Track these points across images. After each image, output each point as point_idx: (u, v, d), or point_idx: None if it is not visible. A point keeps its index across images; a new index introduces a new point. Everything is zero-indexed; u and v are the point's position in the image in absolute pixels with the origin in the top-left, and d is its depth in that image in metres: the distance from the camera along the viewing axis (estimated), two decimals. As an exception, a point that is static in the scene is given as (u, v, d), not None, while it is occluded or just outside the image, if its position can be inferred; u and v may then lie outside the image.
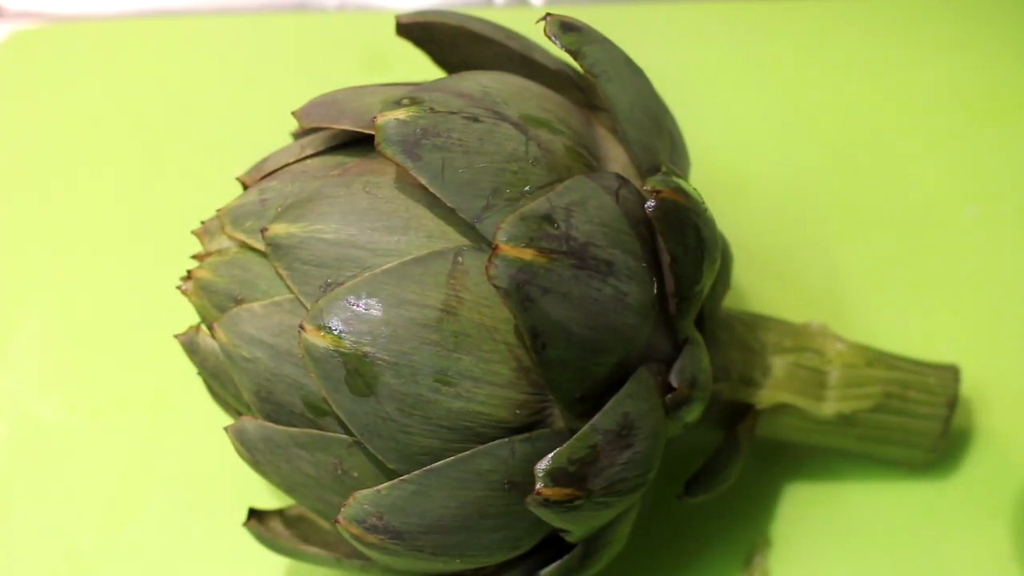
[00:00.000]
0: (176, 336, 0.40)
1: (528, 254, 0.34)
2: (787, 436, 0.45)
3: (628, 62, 0.40)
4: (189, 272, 0.39)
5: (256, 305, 0.37)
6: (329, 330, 0.34)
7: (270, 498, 0.48)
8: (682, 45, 0.61)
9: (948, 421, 0.45)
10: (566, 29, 0.39)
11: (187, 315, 0.41)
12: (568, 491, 0.35)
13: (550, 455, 0.35)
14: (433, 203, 0.36)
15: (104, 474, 0.51)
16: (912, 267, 0.52)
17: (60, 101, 0.63)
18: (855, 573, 0.45)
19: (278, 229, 0.36)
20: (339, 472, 0.37)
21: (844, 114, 0.58)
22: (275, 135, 0.47)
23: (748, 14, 0.62)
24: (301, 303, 0.36)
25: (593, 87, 0.40)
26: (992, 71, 0.58)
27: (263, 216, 0.38)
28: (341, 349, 0.34)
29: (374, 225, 0.36)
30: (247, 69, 0.64)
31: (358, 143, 0.39)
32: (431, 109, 0.36)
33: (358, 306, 0.34)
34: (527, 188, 0.36)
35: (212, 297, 0.38)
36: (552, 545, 0.39)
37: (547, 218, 0.34)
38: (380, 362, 0.34)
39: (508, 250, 0.34)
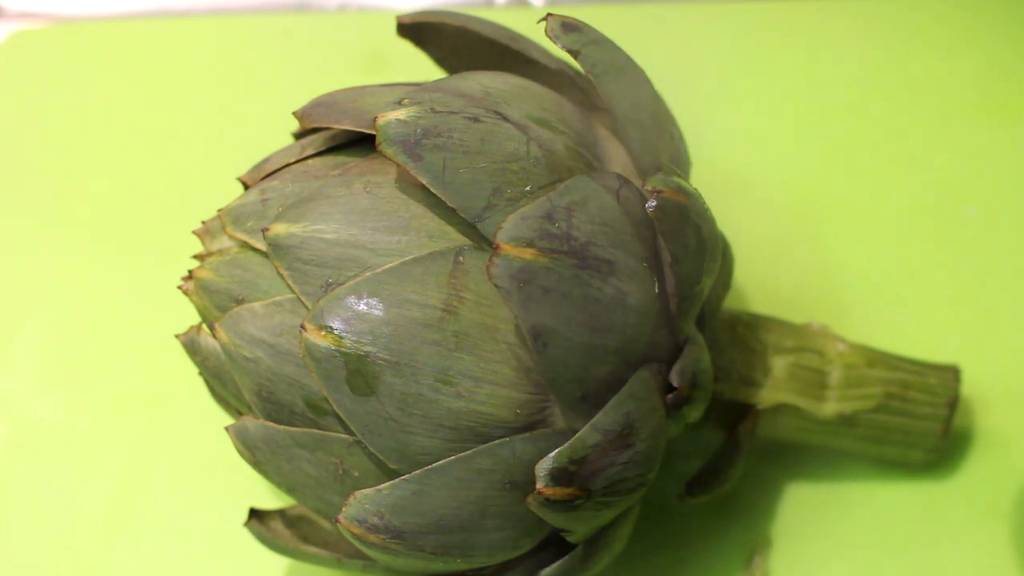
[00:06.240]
0: (177, 336, 0.41)
1: (529, 254, 0.34)
2: (788, 436, 0.45)
3: (628, 62, 0.40)
4: (190, 272, 0.39)
5: (257, 305, 0.37)
6: (330, 330, 0.34)
7: (271, 498, 0.48)
8: (682, 45, 0.61)
9: (949, 421, 0.45)
10: (567, 29, 0.39)
11: (187, 315, 0.41)
12: (569, 491, 0.35)
13: (551, 455, 0.35)
14: (434, 203, 0.36)
15: (104, 474, 0.51)
16: (912, 267, 0.52)
17: (60, 101, 0.63)
18: (855, 573, 0.45)
19: (279, 229, 0.36)
20: (340, 472, 0.37)
21: (845, 114, 0.58)
22: (275, 135, 0.47)
23: (748, 14, 0.62)
24: (302, 303, 0.36)
25: (594, 87, 0.40)
26: (993, 71, 0.58)
27: (264, 216, 0.38)
28: (342, 349, 0.34)
29: (375, 225, 0.36)
30: (247, 69, 0.64)
31: (359, 143, 0.39)
32: (432, 109, 0.36)
33: (359, 306, 0.34)
34: (528, 188, 0.36)
35: (213, 297, 0.38)
36: (553, 545, 0.39)
37: (548, 218, 0.35)
38: (381, 362, 0.34)
39: (509, 250, 0.34)
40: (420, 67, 0.47)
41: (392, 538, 0.36)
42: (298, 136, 0.43)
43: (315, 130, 0.41)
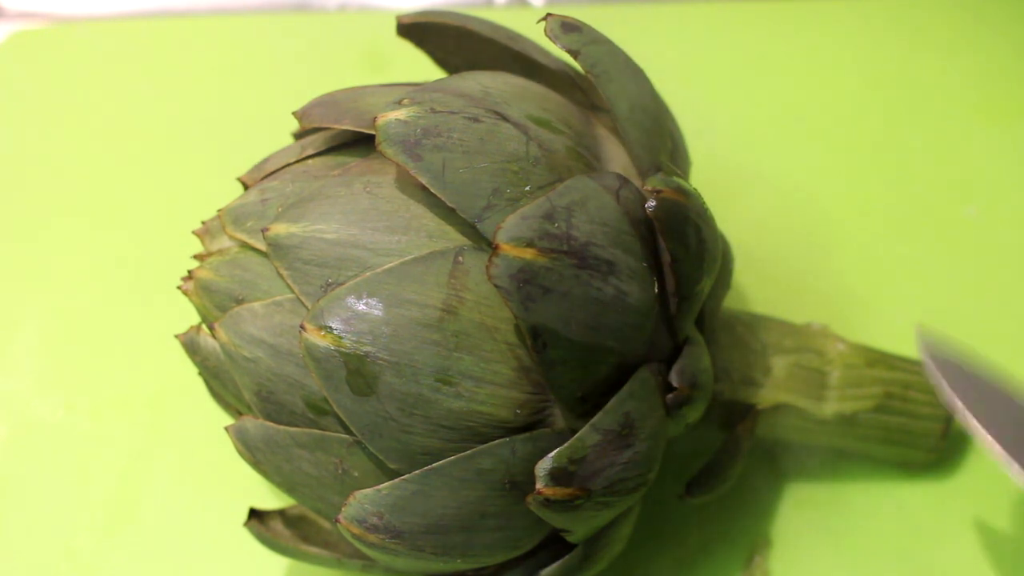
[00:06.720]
0: (177, 336, 0.41)
1: (529, 253, 0.34)
2: (788, 436, 0.45)
3: (628, 62, 0.40)
4: (190, 272, 0.39)
5: (257, 305, 0.37)
6: (330, 330, 0.34)
7: (271, 498, 0.48)
8: (682, 45, 0.61)
9: (949, 421, 0.45)
10: (567, 29, 0.39)
11: (187, 315, 0.41)
12: (569, 491, 0.35)
13: (551, 455, 0.35)
14: (434, 203, 0.36)
15: (103, 474, 0.51)
16: (912, 268, 0.52)
17: (60, 101, 0.63)
18: (855, 573, 0.45)
19: (279, 229, 0.36)
20: (340, 472, 0.37)
21: (845, 114, 0.58)
22: (275, 135, 0.47)
23: (748, 14, 0.62)
24: (302, 303, 0.36)
25: (593, 87, 0.40)
26: (993, 72, 0.58)
27: (264, 216, 0.38)
28: (342, 349, 0.34)
29: (375, 225, 0.36)
30: (247, 69, 0.64)
31: (359, 143, 0.39)
32: (432, 109, 0.36)
33: (359, 306, 0.34)
34: (528, 188, 0.36)
35: (213, 297, 0.38)
36: (553, 545, 0.39)
37: (548, 218, 0.34)
38: (381, 362, 0.34)
39: (509, 250, 0.34)
40: (420, 67, 0.47)
41: (392, 538, 0.36)
42: (298, 136, 0.43)
43: (315, 130, 0.41)
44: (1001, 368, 0.49)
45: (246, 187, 0.41)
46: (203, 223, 0.40)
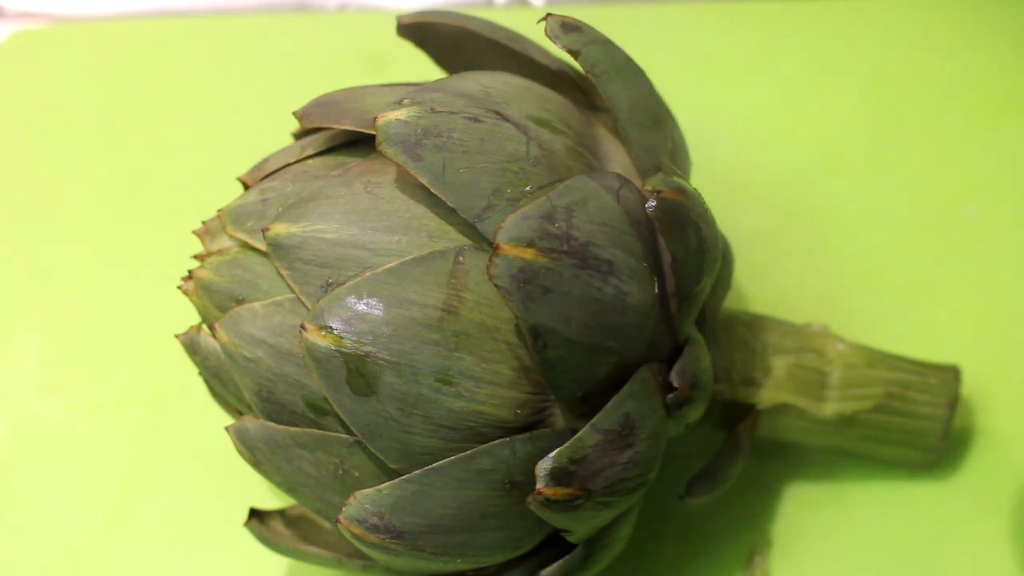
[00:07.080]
0: (177, 336, 0.41)
1: (529, 253, 0.34)
2: (788, 436, 0.45)
3: (629, 62, 0.40)
4: (190, 272, 0.39)
5: (257, 305, 0.37)
6: (330, 330, 0.34)
7: (271, 498, 0.48)
8: (682, 45, 0.61)
9: (949, 421, 0.45)
10: (567, 29, 0.39)
11: (187, 315, 0.41)
12: (569, 491, 0.35)
13: (551, 455, 0.35)
14: (434, 203, 0.36)
15: (103, 474, 0.51)
16: (912, 267, 0.52)
17: (60, 101, 0.63)
18: (855, 573, 0.45)
19: (279, 229, 0.36)
20: (340, 472, 0.37)
21: (844, 114, 0.58)
22: (275, 135, 0.47)
23: (748, 14, 0.62)
24: (302, 303, 0.36)
25: (594, 87, 0.40)
26: (992, 71, 0.58)
27: (264, 216, 0.38)
28: (342, 349, 0.34)
29: (375, 225, 0.36)
30: (247, 69, 0.64)
31: (359, 143, 0.39)
32: (432, 109, 0.36)
33: (359, 306, 0.34)
34: (528, 188, 0.36)
35: (213, 297, 0.38)
36: (553, 545, 0.39)
37: (548, 218, 0.35)
38: (381, 362, 0.34)
39: (509, 250, 0.34)
40: (420, 67, 0.47)
41: (392, 538, 0.36)
42: (298, 136, 0.43)
43: (315, 130, 0.41)
44: (1001, 368, 0.49)
45: (246, 187, 0.41)
46: (203, 223, 0.40)
